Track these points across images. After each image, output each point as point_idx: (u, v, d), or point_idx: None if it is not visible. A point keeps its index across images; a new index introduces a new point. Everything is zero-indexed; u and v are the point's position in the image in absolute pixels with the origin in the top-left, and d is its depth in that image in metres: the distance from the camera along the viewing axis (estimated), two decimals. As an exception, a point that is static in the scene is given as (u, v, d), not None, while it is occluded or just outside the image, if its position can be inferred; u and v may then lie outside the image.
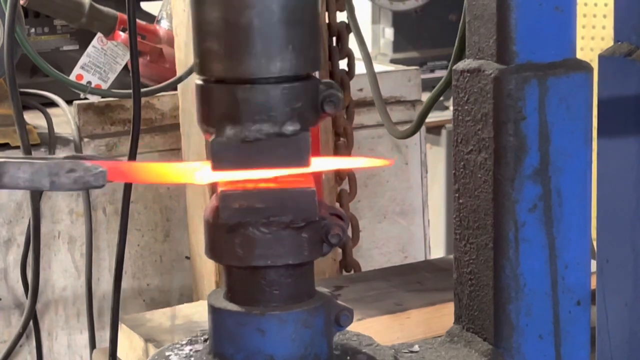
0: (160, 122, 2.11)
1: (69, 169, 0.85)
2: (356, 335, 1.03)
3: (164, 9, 2.23)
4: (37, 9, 2.14)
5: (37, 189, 0.86)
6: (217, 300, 0.95)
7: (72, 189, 0.86)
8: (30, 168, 0.85)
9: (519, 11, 1.02)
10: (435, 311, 1.64)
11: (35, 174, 0.85)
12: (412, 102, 2.32)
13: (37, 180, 0.85)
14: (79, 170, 0.85)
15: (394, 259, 2.30)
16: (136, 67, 1.67)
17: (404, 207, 2.33)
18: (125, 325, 1.67)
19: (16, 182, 0.85)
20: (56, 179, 0.86)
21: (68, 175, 0.85)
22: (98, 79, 2.10)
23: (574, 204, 1.06)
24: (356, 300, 1.67)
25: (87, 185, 0.86)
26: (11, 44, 1.80)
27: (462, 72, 1.07)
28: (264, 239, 0.91)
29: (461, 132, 1.08)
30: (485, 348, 1.07)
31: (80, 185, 0.86)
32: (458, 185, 1.09)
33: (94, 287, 2.02)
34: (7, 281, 2.03)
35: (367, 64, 1.85)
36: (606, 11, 3.43)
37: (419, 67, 2.83)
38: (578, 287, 1.07)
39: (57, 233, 2.05)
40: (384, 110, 1.77)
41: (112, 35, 2.10)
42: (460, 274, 1.10)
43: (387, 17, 4.09)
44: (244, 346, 0.93)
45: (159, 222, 2.12)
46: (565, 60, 1.05)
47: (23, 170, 0.85)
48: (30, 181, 0.85)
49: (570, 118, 1.04)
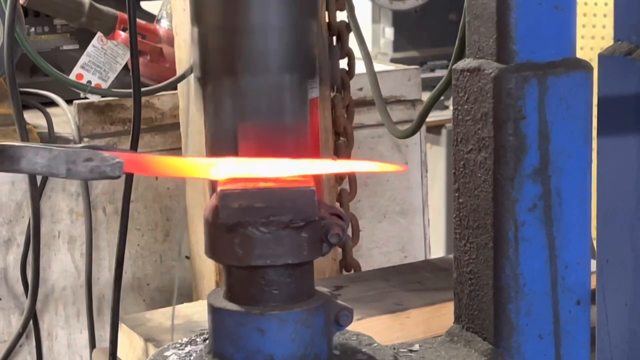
0: (160, 122, 2.11)
1: (86, 158, 0.86)
2: (356, 335, 1.03)
3: (164, 9, 2.23)
4: (37, 8, 2.14)
5: (53, 175, 0.87)
6: (216, 300, 0.95)
7: (87, 178, 0.87)
8: (48, 154, 0.86)
9: (519, 10, 1.02)
10: (435, 311, 1.64)
11: (53, 159, 0.85)
12: (412, 102, 2.32)
13: (54, 166, 0.86)
14: (96, 160, 0.86)
15: (394, 258, 2.30)
16: (136, 67, 1.67)
17: (404, 207, 2.33)
18: (125, 325, 1.67)
19: (33, 167, 0.86)
20: (73, 166, 0.86)
21: (85, 164, 0.86)
22: (98, 78, 2.10)
23: (574, 204, 1.06)
24: (356, 299, 1.67)
25: (103, 175, 0.87)
26: (11, 43, 1.80)
27: (461, 71, 1.07)
28: (264, 239, 0.91)
29: (461, 131, 1.07)
30: (485, 348, 1.07)
31: (96, 174, 0.87)
32: (458, 185, 1.09)
33: (94, 286, 2.01)
34: (7, 281, 2.03)
35: (367, 64, 1.85)
36: (606, 10, 3.43)
37: (419, 66, 2.83)
38: (578, 286, 1.07)
39: (57, 233, 2.05)
40: (384, 110, 1.77)
41: (112, 35, 2.10)
42: (460, 274, 1.10)
43: (387, 16, 4.09)
44: (244, 346, 0.93)
45: (159, 222, 2.12)
46: (565, 59, 1.05)
47: (41, 156, 0.85)
48: (48, 167, 0.86)
49: (570, 117, 1.04)
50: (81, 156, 0.86)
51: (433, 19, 4.05)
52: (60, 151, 0.86)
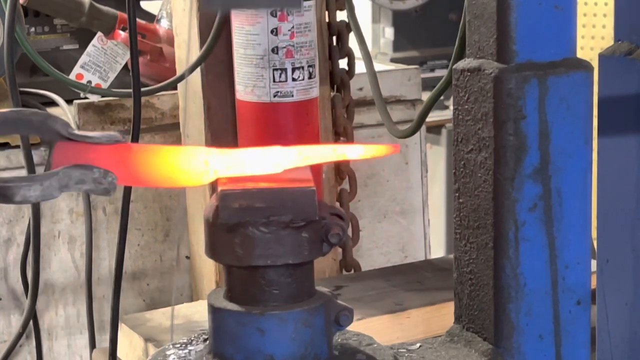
0: (160, 122, 2.11)
1: (78, 180, 0.86)
2: (356, 335, 1.03)
3: (164, 8, 2.22)
4: (37, 8, 2.14)
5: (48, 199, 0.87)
6: (217, 300, 0.95)
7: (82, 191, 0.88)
8: (40, 187, 0.86)
9: (519, 10, 1.02)
10: (435, 311, 1.64)
11: (46, 189, 0.86)
12: (412, 102, 2.31)
13: (48, 194, 0.87)
14: (87, 182, 0.86)
15: (394, 258, 2.30)
16: (136, 67, 1.67)
17: (404, 207, 2.33)
18: (125, 325, 1.67)
19: (27, 200, 0.86)
20: (66, 189, 0.87)
21: (77, 186, 0.86)
22: (98, 78, 2.10)
23: (574, 204, 1.06)
24: (356, 299, 1.67)
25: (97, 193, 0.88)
26: (11, 43, 1.80)
27: (462, 71, 1.07)
28: (264, 239, 0.91)
29: (461, 131, 1.07)
30: (486, 348, 1.07)
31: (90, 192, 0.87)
32: (458, 185, 1.09)
33: (94, 287, 2.01)
34: (7, 281, 2.03)
35: (367, 63, 1.85)
36: (606, 10, 3.43)
37: (419, 66, 2.82)
38: (578, 286, 1.07)
39: (57, 233, 2.05)
40: (384, 110, 1.77)
41: (112, 35, 2.09)
42: (461, 274, 1.10)
43: (387, 16, 4.09)
44: (244, 346, 0.93)
45: (159, 222, 2.12)
46: (565, 59, 1.05)
47: (34, 190, 0.86)
48: (42, 197, 0.87)
49: (571, 117, 1.04)
50: (72, 179, 0.87)
51: (433, 19, 4.05)
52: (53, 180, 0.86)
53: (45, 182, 0.86)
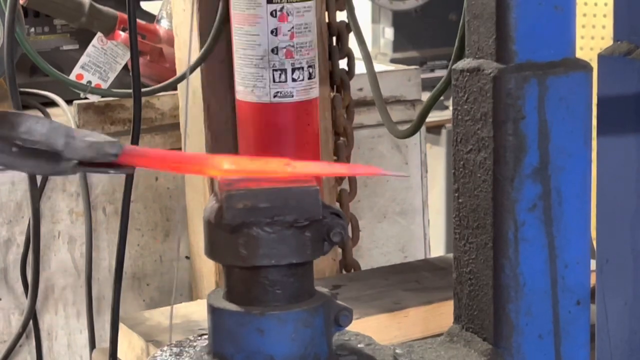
0: (160, 122, 2.11)
1: (86, 135, 0.85)
2: (356, 335, 1.03)
3: (164, 9, 2.22)
4: (37, 8, 2.14)
5: (51, 146, 0.84)
6: (216, 300, 0.95)
7: (86, 155, 0.85)
8: (48, 124, 0.84)
9: (518, 10, 1.02)
10: (433, 310, 1.64)
11: (53, 130, 0.84)
12: (412, 102, 2.32)
13: (53, 137, 0.84)
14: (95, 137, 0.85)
15: (394, 258, 2.30)
16: (136, 67, 1.67)
17: (404, 207, 2.33)
18: (124, 325, 1.67)
19: (32, 134, 0.84)
20: (71, 140, 0.84)
21: (84, 139, 0.85)
22: (98, 78, 2.10)
23: (574, 204, 1.06)
24: (354, 298, 1.67)
25: (102, 151, 0.85)
26: (11, 43, 1.80)
27: (461, 71, 1.07)
28: (268, 239, 0.91)
29: (461, 131, 1.08)
30: (485, 348, 1.07)
31: (94, 151, 0.85)
32: (458, 185, 1.09)
33: (94, 287, 2.01)
34: (7, 281, 2.03)
35: (367, 64, 1.85)
36: (606, 11, 3.43)
37: (419, 66, 2.82)
38: (578, 286, 1.07)
39: (57, 233, 2.05)
40: (384, 110, 1.77)
41: (112, 35, 2.10)
42: (460, 274, 1.10)
43: (387, 16, 4.09)
44: (244, 346, 0.93)
45: (159, 222, 2.12)
46: (564, 59, 1.05)
47: (42, 125, 0.84)
48: (46, 136, 0.84)
49: (570, 117, 1.04)
50: (81, 133, 0.85)
51: (433, 19, 4.04)
52: (61, 125, 0.85)
53: (53, 123, 0.84)
